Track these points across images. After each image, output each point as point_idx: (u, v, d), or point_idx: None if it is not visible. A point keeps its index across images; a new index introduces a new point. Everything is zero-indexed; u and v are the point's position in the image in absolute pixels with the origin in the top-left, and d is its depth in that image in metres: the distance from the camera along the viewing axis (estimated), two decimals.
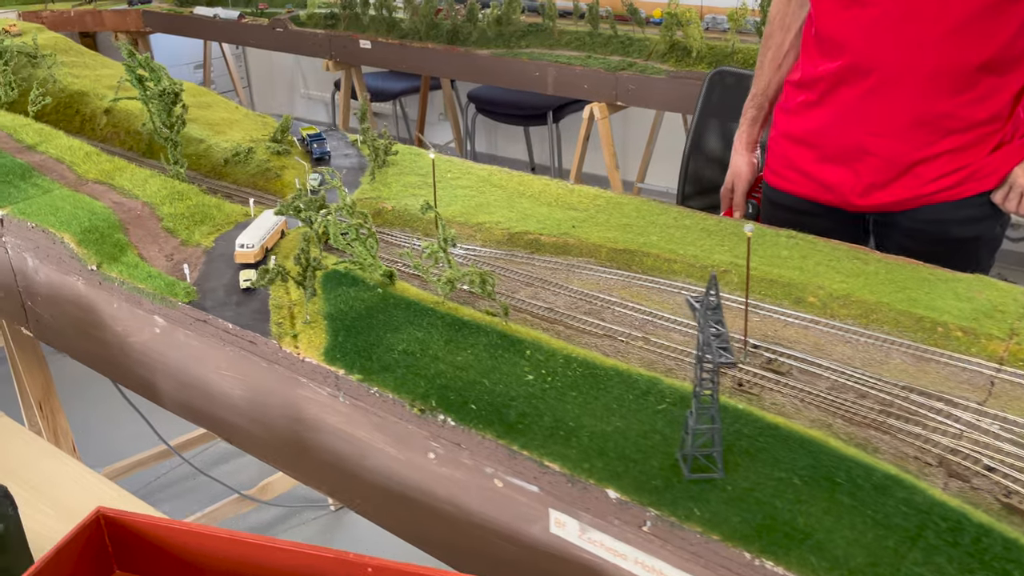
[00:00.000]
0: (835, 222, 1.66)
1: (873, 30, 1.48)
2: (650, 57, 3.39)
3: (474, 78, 3.80)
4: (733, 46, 3.21)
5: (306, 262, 1.17)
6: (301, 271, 1.18)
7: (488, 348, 1.12)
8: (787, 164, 1.75)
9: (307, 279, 1.17)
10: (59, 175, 1.72)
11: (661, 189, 4.31)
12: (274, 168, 1.84)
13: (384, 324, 1.19)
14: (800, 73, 1.69)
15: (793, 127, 1.72)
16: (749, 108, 1.87)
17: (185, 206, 1.58)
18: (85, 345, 1.54)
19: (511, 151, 5.50)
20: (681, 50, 3.31)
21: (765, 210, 1.88)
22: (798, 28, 1.73)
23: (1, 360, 3.44)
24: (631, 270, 1.40)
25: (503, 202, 1.64)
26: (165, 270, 1.39)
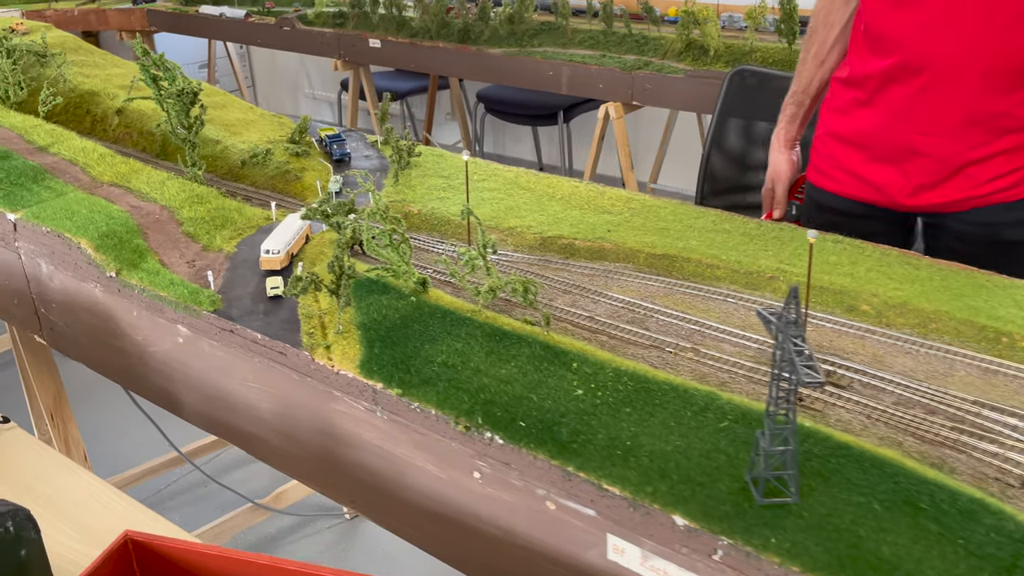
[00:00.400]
0: (881, 223, 1.61)
1: (925, 27, 1.43)
2: (666, 56, 3.34)
3: (486, 78, 3.74)
4: (751, 45, 3.16)
5: (340, 270, 1.11)
6: (335, 279, 1.12)
7: (532, 360, 1.07)
8: (834, 164, 1.70)
9: (341, 288, 1.11)
10: (73, 177, 1.66)
11: (675, 190, 4.26)
12: (294, 170, 1.78)
13: (420, 334, 1.14)
14: (848, 71, 1.64)
15: (841, 126, 1.67)
16: (788, 105, 1.82)
17: (205, 210, 1.53)
18: (101, 354, 1.48)
19: (519, 151, 5.45)
20: (698, 49, 3.25)
21: (808, 210, 1.83)
22: (843, 24, 1.68)
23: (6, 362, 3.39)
24: (672, 276, 1.34)
25: (533, 205, 1.59)
26: (187, 277, 1.33)
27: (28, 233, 1.50)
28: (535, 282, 1.11)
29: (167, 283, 1.30)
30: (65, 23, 4.92)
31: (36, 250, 1.49)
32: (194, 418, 1.37)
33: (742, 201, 2.82)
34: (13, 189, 1.60)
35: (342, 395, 1.09)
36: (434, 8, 3.83)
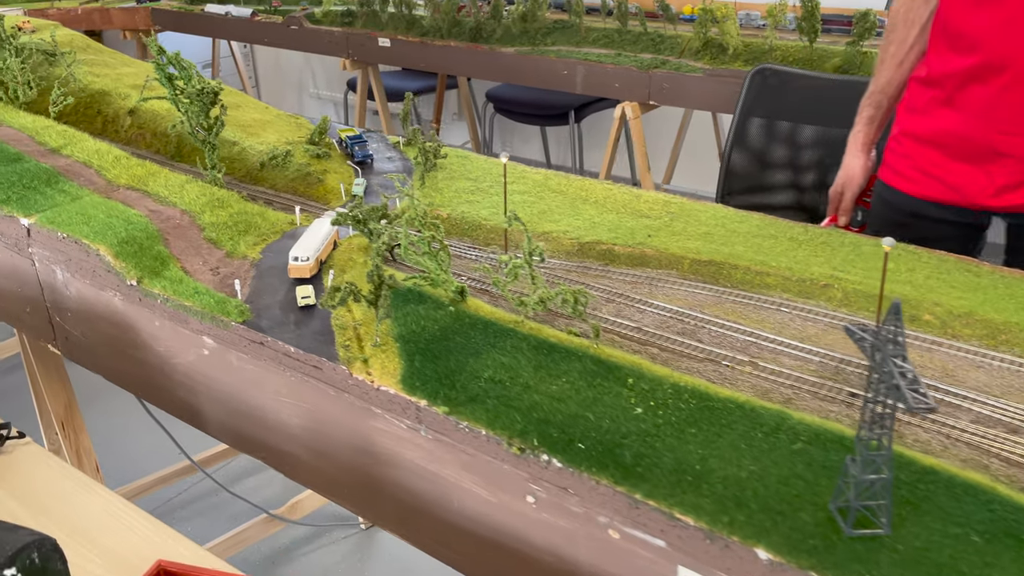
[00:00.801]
0: (953, 225, 1.59)
1: (1007, 25, 1.39)
2: (682, 55, 3.28)
3: (498, 77, 3.68)
4: (771, 43, 3.10)
5: (379, 280, 1.05)
6: (373, 290, 1.06)
7: (584, 375, 1.01)
8: (910, 163, 1.66)
9: (381, 299, 1.05)
10: (87, 180, 1.60)
11: (689, 191, 4.19)
12: (315, 172, 1.72)
13: (463, 347, 1.08)
14: (927, 70, 1.59)
15: (919, 126, 1.62)
16: (866, 106, 1.78)
17: (227, 214, 1.47)
18: (120, 365, 1.42)
19: (527, 151, 5.39)
20: (716, 47, 3.19)
21: (876, 208, 1.78)
22: (923, 23, 1.63)
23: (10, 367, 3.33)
24: (719, 284, 1.28)
25: (566, 209, 1.53)
26: (212, 285, 1.27)
27: (43, 239, 1.44)
28: (586, 292, 1.05)
29: (191, 292, 1.24)
30: (68, 22, 4.85)
31: (51, 257, 1.43)
32: (219, 432, 1.31)
33: (763, 202, 2.77)
34: (26, 193, 1.54)
35: (382, 412, 1.03)
36: (445, 6, 3.76)
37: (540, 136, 5.25)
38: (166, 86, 1.79)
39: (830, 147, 2.63)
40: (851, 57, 2.96)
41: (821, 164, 2.67)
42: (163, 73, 1.78)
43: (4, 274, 1.58)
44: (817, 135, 2.69)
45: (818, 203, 2.67)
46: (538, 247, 1.06)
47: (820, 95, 2.71)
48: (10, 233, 1.50)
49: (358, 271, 1.31)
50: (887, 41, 1.72)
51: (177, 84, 1.82)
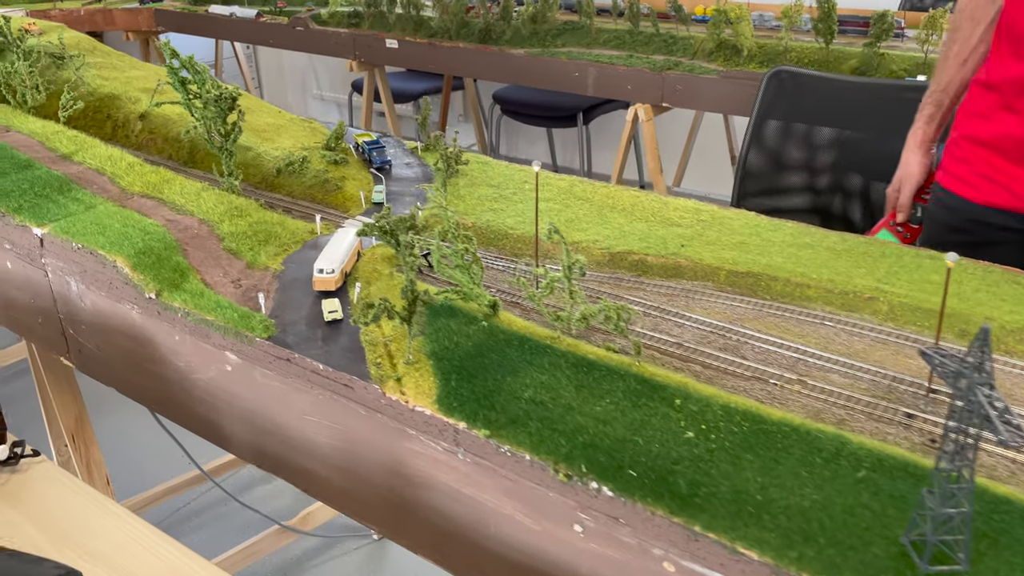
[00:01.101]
0: (1016, 230, 1.55)
1: None
2: (695, 56, 3.24)
3: (508, 79, 3.64)
4: (786, 44, 3.06)
5: (413, 295, 1.01)
6: (407, 305, 1.02)
7: (628, 395, 0.96)
8: (970, 168, 1.62)
9: (415, 315, 1.01)
10: (101, 188, 1.56)
11: (699, 193, 4.16)
12: (333, 179, 1.68)
13: (499, 365, 1.03)
14: (988, 74, 1.56)
15: (980, 130, 1.59)
16: (927, 105, 1.74)
17: (246, 223, 1.42)
18: (137, 379, 1.38)
19: (533, 153, 5.35)
20: (729, 49, 3.15)
21: (933, 212, 1.74)
22: (988, 22, 1.59)
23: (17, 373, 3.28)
24: (758, 296, 1.24)
25: (594, 217, 1.49)
26: (234, 298, 1.23)
27: (56, 249, 1.39)
28: (629, 308, 1.01)
29: (213, 306, 1.20)
30: (71, 23, 4.81)
31: (65, 267, 1.38)
32: (241, 450, 1.27)
33: (780, 205, 2.73)
34: (38, 201, 1.50)
35: (417, 433, 0.99)
36: (453, 8, 3.72)
37: (546, 138, 5.21)
38: (179, 91, 1.75)
39: (849, 150, 2.60)
40: (868, 59, 2.92)
41: (839, 167, 2.63)
42: (176, 77, 1.73)
43: (16, 284, 1.53)
44: (835, 138, 2.65)
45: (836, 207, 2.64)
46: (578, 261, 1.02)
47: (838, 98, 2.67)
48: (22, 243, 1.45)
49: (384, 283, 1.27)
50: (950, 40, 1.69)
51: (190, 89, 1.78)
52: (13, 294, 1.56)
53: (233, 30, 4.63)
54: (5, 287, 1.57)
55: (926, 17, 2.77)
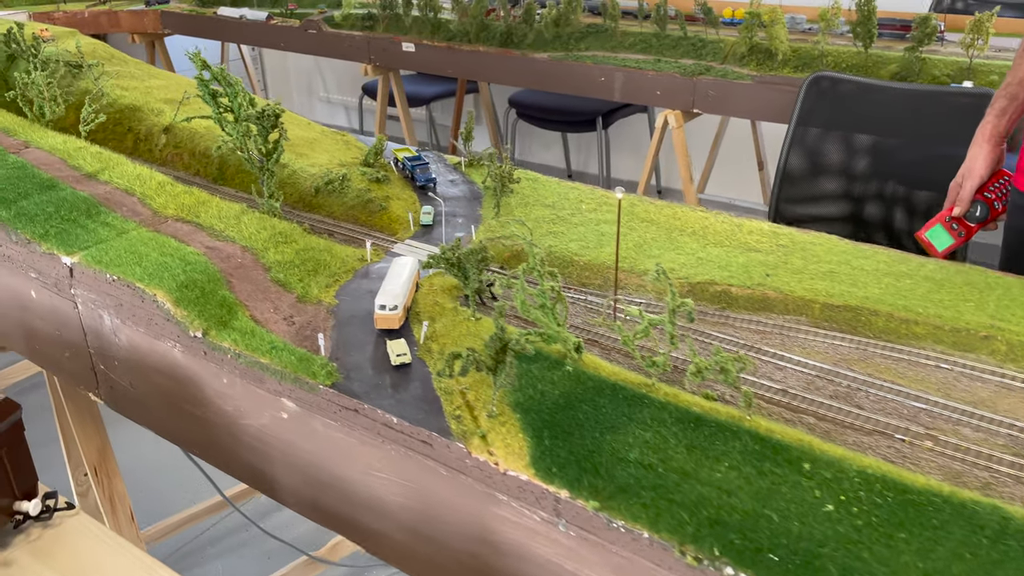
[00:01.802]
0: None
1: None
2: (725, 60, 3.14)
3: (531, 83, 3.53)
4: (821, 48, 2.95)
5: (501, 344, 0.90)
6: (494, 355, 0.91)
7: (748, 458, 0.86)
8: None
9: (504, 367, 0.90)
10: (131, 211, 1.45)
11: (724, 200, 4.06)
12: (377, 199, 1.57)
13: (594, 419, 0.93)
14: None
15: None
16: (1000, 97, 1.63)
17: (292, 251, 1.32)
18: (175, 421, 1.28)
19: (547, 158, 5.24)
20: (762, 53, 3.05)
21: (1013, 219, 1.64)
22: None
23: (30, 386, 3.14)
24: (858, 333, 1.14)
25: (664, 242, 1.39)
26: (288, 337, 1.12)
27: (88, 280, 1.29)
28: (748, 359, 0.90)
29: (268, 347, 1.09)
30: (75, 25, 4.69)
31: (98, 300, 1.28)
32: (292, 501, 1.17)
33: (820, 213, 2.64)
34: (65, 226, 1.39)
35: (509, 499, 0.88)
36: (473, 10, 3.61)
37: (560, 142, 5.10)
38: (209, 104, 1.65)
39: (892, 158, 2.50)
40: (909, 64, 2.82)
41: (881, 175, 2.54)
42: (206, 90, 1.63)
43: (40, 315, 1.43)
44: (878, 146, 2.56)
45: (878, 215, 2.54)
46: (685, 304, 0.92)
47: (882, 104, 2.57)
48: (49, 272, 1.35)
49: (449, 319, 1.16)
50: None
51: (221, 102, 1.68)
52: (36, 324, 1.45)
53: (243, 33, 4.51)
54: (28, 317, 1.46)
55: (971, 21, 2.67)
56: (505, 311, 0.92)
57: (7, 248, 1.41)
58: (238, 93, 1.63)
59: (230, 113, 1.70)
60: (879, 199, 2.57)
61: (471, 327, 1.13)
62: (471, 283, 1.12)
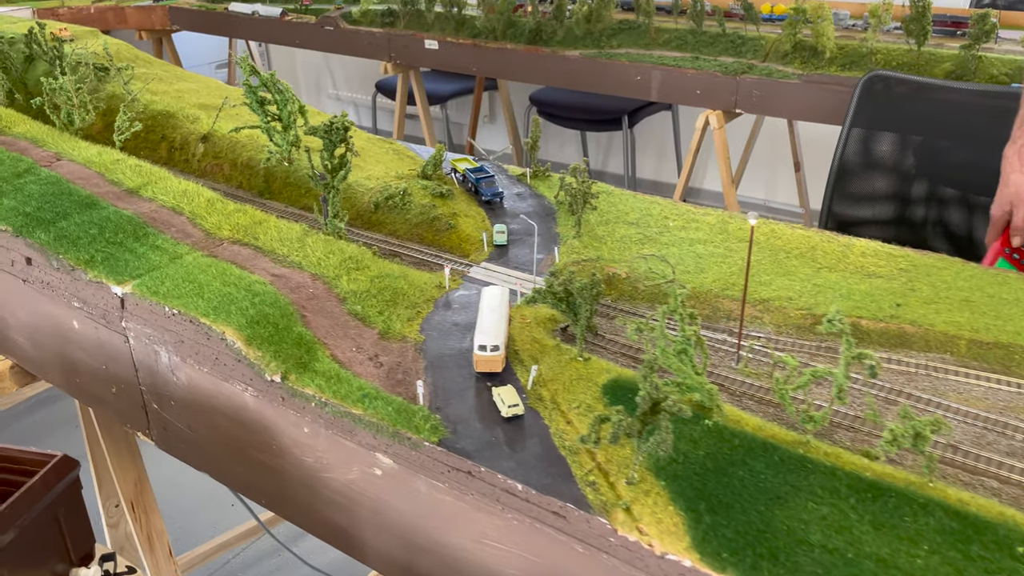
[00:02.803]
0: None
1: None
2: (767, 58, 3.01)
3: (561, 82, 3.40)
4: (870, 46, 2.83)
5: (653, 402, 0.78)
6: (642, 416, 0.79)
7: (948, 539, 0.74)
8: None
9: (659, 432, 0.78)
10: (181, 232, 1.32)
11: (758, 201, 3.94)
12: (443, 216, 1.45)
13: (754, 488, 0.81)
14: None
15: None
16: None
17: (366, 278, 1.19)
18: (241, 469, 1.15)
19: (561, 156, 5.11)
20: (807, 50, 2.93)
21: None
22: None
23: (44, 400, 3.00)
24: (1014, 374, 1.02)
25: (770, 265, 1.26)
26: (377, 381, 1.00)
27: (142, 312, 1.16)
28: (944, 421, 0.78)
29: (359, 396, 0.97)
30: (80, 21, 4.56)
31: (155, 336, 1.15)
32: (380, 563, 1.04)
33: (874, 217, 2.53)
34: (112, 250, 1.26)
35: None
36: (500, 6, 3.48)
37: (576, 140, 4.98)
38: (257, 112, 1.53)
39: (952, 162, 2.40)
40: (964, 62, 2.70)
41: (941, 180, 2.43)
42: (254, 97, 1.51)
43: (83, 347, 1.30)
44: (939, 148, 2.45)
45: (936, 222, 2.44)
46: (866, 356, 0.79)
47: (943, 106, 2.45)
48: (96, 302, 1.22)
49: (553, 358, 1.04)
50: None
51: (268, 110, 1.56)
52: (78, 357, 1.33)
53: (255, 30, 4.37)
54: (69, 349, 1.33)
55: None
56: (656, 365, 0.79)
57: (47, 274, 1.29)
58: (288, 101, 1.51)
59: (278, 122, 1.58)
60: (938, 203, 2.47)
61: (580, 369, 1.01)
62: (581, 320, 1.00)
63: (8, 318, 1.44)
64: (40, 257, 1.29)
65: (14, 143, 1.60)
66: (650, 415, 0.78)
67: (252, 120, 1.73)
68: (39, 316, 1.35)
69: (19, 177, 1.47)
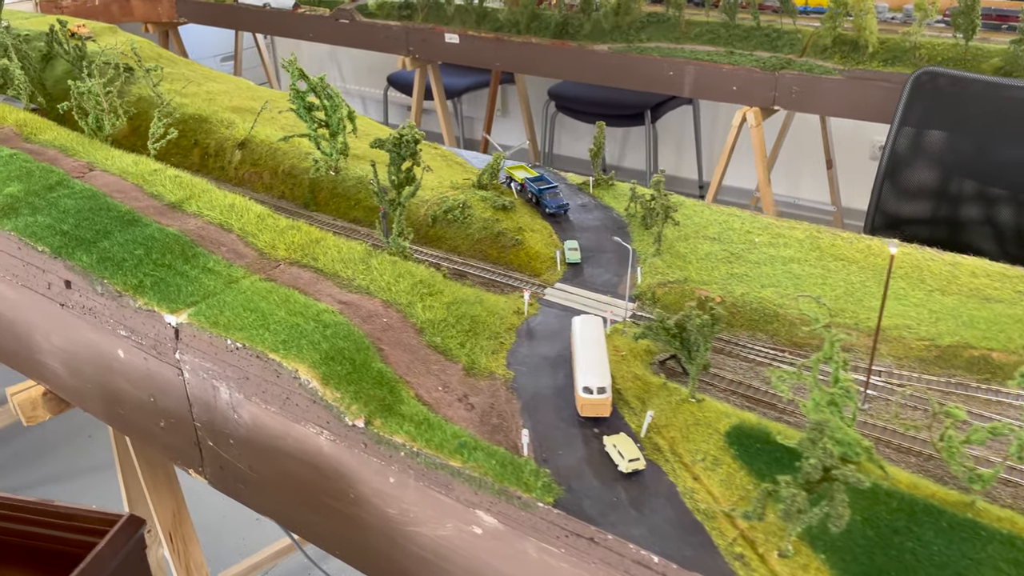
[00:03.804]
0: None
1: None
2: (805, 52, 2.91)
3: (590, 78, 3.29)
4: (915, 41, 2.73)
5: (825, 472, 0.68)
6: (808, 483, 0.69)
7: None
8: None
9: (833, 504, 0.68)
10: (233, 252, 1.22)
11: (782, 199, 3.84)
12: (507, 231, 1.35)
13: (928, 563, 0.71)
14: None
15: None
16: None
17: (441, 305, 1.09)
18: (310, 516, 1.05)
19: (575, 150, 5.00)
20: (847, 45, 2.82)
21: None
22: None
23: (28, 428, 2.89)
24: None
25: (875, 287, 1.17)
26: (471, 427, 0.90)
27: (200, 345, 1.06)
28: None
29: (455, 445, 0.87)
30: (84, 13, 4.43)
31: (216, 371, 1.05)
32: None
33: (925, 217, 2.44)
34: (161, 273, 1.16)
35: None
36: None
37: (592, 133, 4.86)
38: (305, 119, 1.42)
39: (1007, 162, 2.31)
40: (1014, 58, 2.60)
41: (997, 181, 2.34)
42: (301, 102, 1.40)
43: (129, 378, 1.20)
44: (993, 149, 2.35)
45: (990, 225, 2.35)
46: None
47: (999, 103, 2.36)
48: (145, 331, 1.12)
49: (660, 399, 0.94)
50: None
51: (316, 116, 1.45)
52: (122, 387, 1.23)
53: (267, 22, 4.25)
54: (112, 379, 1.23)
55: None
56: (825, 427, 0.69)
57: (90, 299, 1.18)
58: (339, 107, 1.41)
59: (325, 128, 1.48)
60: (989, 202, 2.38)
61: (695, 412, 0.92)
62: (698, 360, 0.90)
63: (41, 342, 1.34)
64: (81, 281, 1.18)
65: (42, 152, 1.50)
66: (819, 484, 0.69)
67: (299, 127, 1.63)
68: (78, 343, 1.25)
69: (51, 190, 1.36)
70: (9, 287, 1.31)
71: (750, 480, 0.80)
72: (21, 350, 1.38)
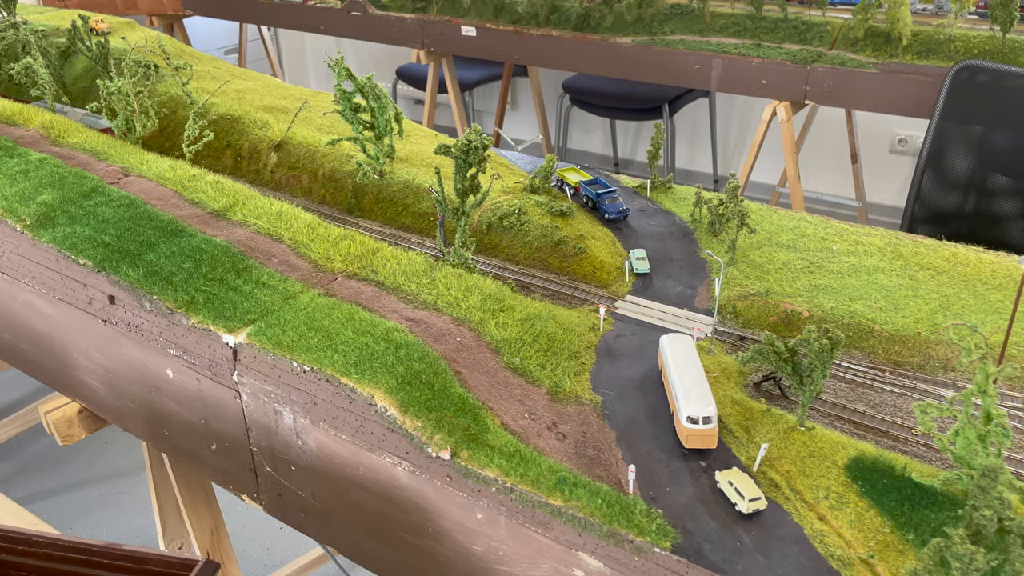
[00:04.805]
0: None
1: None
2: (835, 45, 2.84)
3: (613, 71, 3.22)
4: (950, 33, 2.66)
5: (1001, 523, 0.61)
6: (975, 534, 0.63)
7: None
8: None
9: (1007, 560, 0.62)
10: (286, 264, 1.15)
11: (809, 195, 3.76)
12: (568, 239, 1.28)
13: None
14: None
15: None
16: None
17: (515, 322, 1.03)
18: (382, 549, 0.99)
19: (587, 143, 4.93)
20: (879, 37, 2.75)
21: None
22: None
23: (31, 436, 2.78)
24: None
25: (969, 299, 1.10)
26: (567, 460, 0.83)
27: (262, 367, 0.99)
28: None
29: (554, 482, 0.80)
30: (88, 7, 4.34)
31: (279, 394, 0.98)
32: None
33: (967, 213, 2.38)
34: (213, 288, 1.09)
35: None
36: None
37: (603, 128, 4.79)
38: (351, 121, 1.35)
39: None
40: None
41: None
42: (348, 104, 1.33)
43: (177, 399, 1.13)
44: None
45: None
46: None
47: None
48: (199, 351, 1.05)
49: (766, 427, 0.88)
50: None
51: (362, 118, 1.38)
52: (169, 409, 1.16)
53: (275, 15, 4.16)
54: (158, 399, 1.16)
55: None
56: (998, 474, 0.62)
57: (135, 315, 1.11)
58: (386, 108, 1.34)
59: (371, 131, 1.41)
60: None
61: (807, 443, 0.85)
62: (810, 386, 0.84)
63: (79, 359, 1.27)
64: (127, 296, 1.11)
65: (72, 156, 1.43)
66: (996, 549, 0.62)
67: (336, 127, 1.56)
68: (121, 361, 1.18)
69: (87, 198, 1.29)
70: (45, 301, 1.24)
71: (883, 521, 0.74)
72: (56, 366, 1.31)
